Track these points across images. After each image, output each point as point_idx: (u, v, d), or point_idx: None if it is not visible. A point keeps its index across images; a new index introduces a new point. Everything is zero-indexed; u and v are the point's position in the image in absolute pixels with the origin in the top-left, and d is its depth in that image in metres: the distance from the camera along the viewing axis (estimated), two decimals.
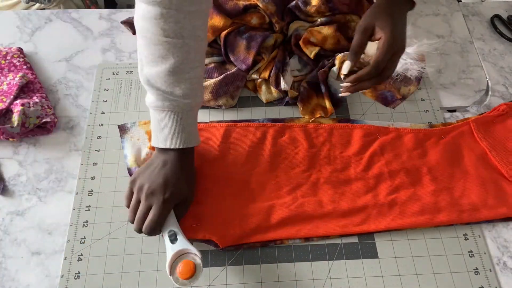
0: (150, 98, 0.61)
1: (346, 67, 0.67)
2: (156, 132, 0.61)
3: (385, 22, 0.64)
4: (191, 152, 0.63)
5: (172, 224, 0.57)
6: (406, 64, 0.76)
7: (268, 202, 0.64)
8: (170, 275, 0.55)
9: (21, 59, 0.78)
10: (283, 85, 0.74)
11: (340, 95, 0.68)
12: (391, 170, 0.68)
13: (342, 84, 0.67)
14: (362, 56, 0.78)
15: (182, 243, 0.56)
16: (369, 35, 0.66)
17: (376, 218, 0.64)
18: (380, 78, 0.65)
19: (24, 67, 0.77)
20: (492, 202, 0.65)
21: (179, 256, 0.56)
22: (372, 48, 0.79)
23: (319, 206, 0.64)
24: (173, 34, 0.57)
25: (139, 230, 0.57)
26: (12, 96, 0.71)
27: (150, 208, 0.57)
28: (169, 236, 0.56)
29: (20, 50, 0.79)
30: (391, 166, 0.68)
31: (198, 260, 0.55)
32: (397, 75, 0.78)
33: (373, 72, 0.64)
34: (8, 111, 0.70)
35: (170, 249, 0.56)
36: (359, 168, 0.68)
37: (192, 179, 0.63)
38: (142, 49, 0.60)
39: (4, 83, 0.74)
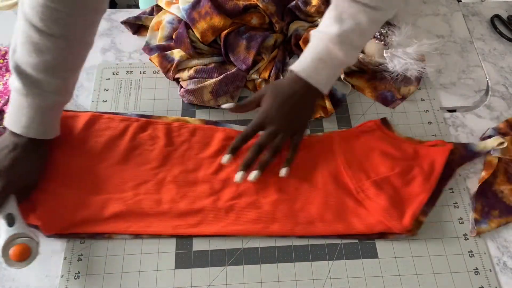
0: (15, 83, 0.59)
1: (228, 105, 0.68)
2: (14, 114, 0.60)
3: (268, 96, 0.67)
4: (46, 142, 0.63)
5: (11, 208, 0.58)
6: (406, 64, 0.76)
7: (107, 195, 0.64)
8: (2, 257, 0.55)
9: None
10: None
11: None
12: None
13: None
14: (362, 56, 0.78)
15: (20, 226, 0.56)
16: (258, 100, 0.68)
17: (210, 222, 0.63)
18: (268, 155, 0.65)
19: None
20: (330, 218, 0.63)
21: (16, 239, 0.56)
22: (371, 48, 0.79)
23: (156, 204, 0.64)
24: (59, 34, 0.57)
25: None
26: (7, 97, 0.71)
27: None
28: (6, 219, 0.57)
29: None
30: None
31: (34, 244, 0.56)
32: (397, 75, 0.78)
33: (239, 140, 0.65)
34: (1, 112, 0.70)
35: (5, 232, 0.56)
36: (209, 170, 0.67)
37: (41, 166, 0.64)
38: (20, 34, 0.58)
39: (1, 83, 0.73)
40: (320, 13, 0.78)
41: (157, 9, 0.85)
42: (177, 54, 0.77)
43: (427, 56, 0.81)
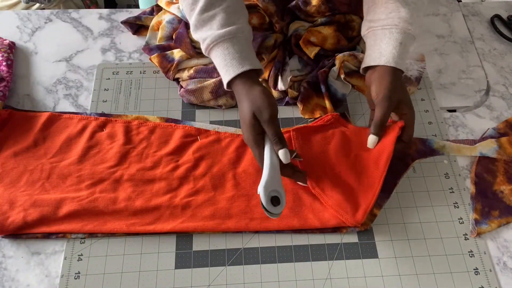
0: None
1: (372, 142, 0.63)
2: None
3: (407, 103, 0.65)
4: None
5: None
6: (406, 64, 0.76)
7: (62, 194, 0.64)
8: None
9: (6, 54, 0.77)
10: (280, 85, 0.74)
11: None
12: (198, 172, 0.67)
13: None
14: (362, 56, 0.78)
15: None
16: (390, 109, 0.64)
17: (167, 219, 0.63)
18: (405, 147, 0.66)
19: (4, 63, 0.76)
20: (285, 213, 0.63)
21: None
22: None
23: (112, 203, 0.64)
24: None
25: None
26: None
27: None
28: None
29: (10, 45, 0.79)
30: (199, 168, 0.68)
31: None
32: None
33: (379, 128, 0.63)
34: None
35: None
36: (167, 168, 0.67)
37: None
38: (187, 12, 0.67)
39: None
40: (320, 13, 0.78)
41: (157, 9, 0.85)
42: (177, 54, 0.77)
43: (427, 56, 0.81)
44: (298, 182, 0.66)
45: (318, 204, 0.65)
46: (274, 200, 0.57)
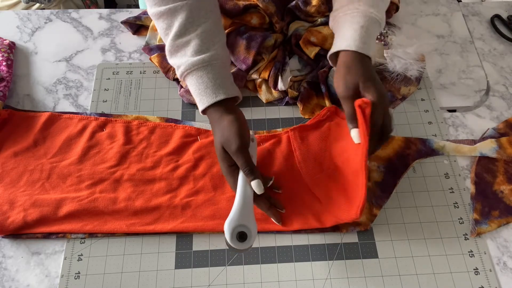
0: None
1: (356, 135, 0.59)
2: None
3: (368, 85, 0.59)
4: None
5: None
6: (406, 64, 0.77)
7: (62, 194, 0.64)
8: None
9: (6, 54, 0.77)
10: (280, 85, 0.74)
11: None
12: (198, 172, 0.67)
13: None
14: None
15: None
16: (354, 99, 0.59)
17: (167, 219, 0.63)
18: (385, 137, 0.61)
19: (4, 63, 0.76)
20: (285, 215, 0.64)
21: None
22: None
23: (112, 203, 0.64)
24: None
25: None
26: None
27: None
28: None
29: (10, 45, 0.79)
30: (199, 168, 0.68)
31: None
32: (397, 75, 0.78)
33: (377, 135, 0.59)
34: None
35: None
36: (167, 168, 0.68)
37: None
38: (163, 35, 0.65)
39: None
40: (320, 13, 0.78)
41: None
42: None
43: (427, 56, 0.81)
44: (272, 219, 0.64)
45: (317, 204, 0.65)
46: (240, 236, 0.55)
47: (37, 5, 1.11)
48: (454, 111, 0.78)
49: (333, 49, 0.65)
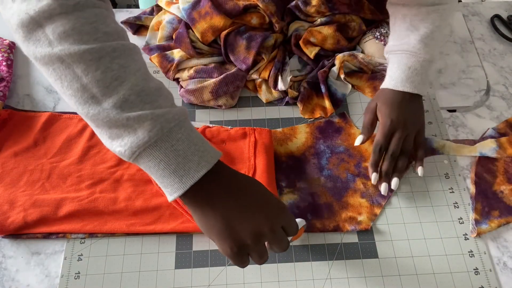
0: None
1: (359, 140, 0.68)
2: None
3: (382, 107, 0.68)
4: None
5: None
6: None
7: (62, 194, 0.64)
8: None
9: (6, 54, 0.77)
10: (280, 85, 0.74)
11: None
12: None
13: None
14: (362, 56, 0.78)
15: None
16: (375, 113, 0.69)
17: (167, 219, 0.63)
18: (403, 159, 0.67)
19: (4, 63, 0.76)
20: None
21: None
22: (371, 48, 0.79)
23: (112, 203, 0.64)
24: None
25: None
26: None
27: None
28: None
29: (10, 45, 0.79)
30: None
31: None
32: None
33: (377, 153, 0.66)
34: None
35: None
36: None
37: None
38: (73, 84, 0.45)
39: None
40: (320, 13, 0.78)
41: (157, 9, 0.85)
42: (177, 54, 0.77)
43: None
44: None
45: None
46: None
47: None
48: (454, 111, 0.78)
49: (383, 86, 0.71)
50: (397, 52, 0.70)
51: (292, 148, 0.71)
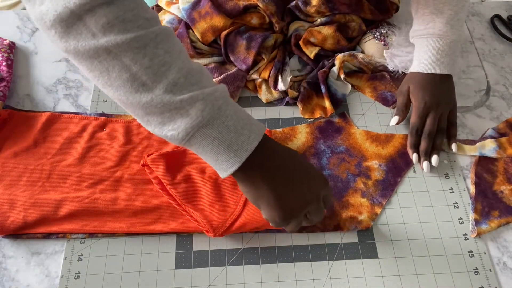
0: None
1: (394, 120, 0.71)
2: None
3: (415, 90, 0.71)
4: None
5: None
6: (406, 63, 0.77)
7: (62, 194, 0.64)
8: None
9: (6, 54, 0.77)
10: (280, 85, 0.74)
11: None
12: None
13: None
14: (362, 56, 0.78)
15: None
16: (408, 96, 0.72)
17: (167, 219, 0.63)
18: (440, 137, 0.70)
19: (4, 63, 0.76)
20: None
21: None
22: (371, 48, 0.79)
23: (112, 203, 0.64)
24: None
25: None
26: None
27: None
28: None
29: (10, 45, 0.79)
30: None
31: None
32: (397, 75, 0.78)
33: (414, 134, 0.70)
34: None
35: None
36: None
37: None
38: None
39: None
40: (320, 13, 0.78)
41: (157, 9, 0.85)
42: None
43: None
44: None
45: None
46: None
47: None
48: None
49: (412, 69, 0.73)
50: (424, 36, 0.71)
51: (292, 148, 0.71)
